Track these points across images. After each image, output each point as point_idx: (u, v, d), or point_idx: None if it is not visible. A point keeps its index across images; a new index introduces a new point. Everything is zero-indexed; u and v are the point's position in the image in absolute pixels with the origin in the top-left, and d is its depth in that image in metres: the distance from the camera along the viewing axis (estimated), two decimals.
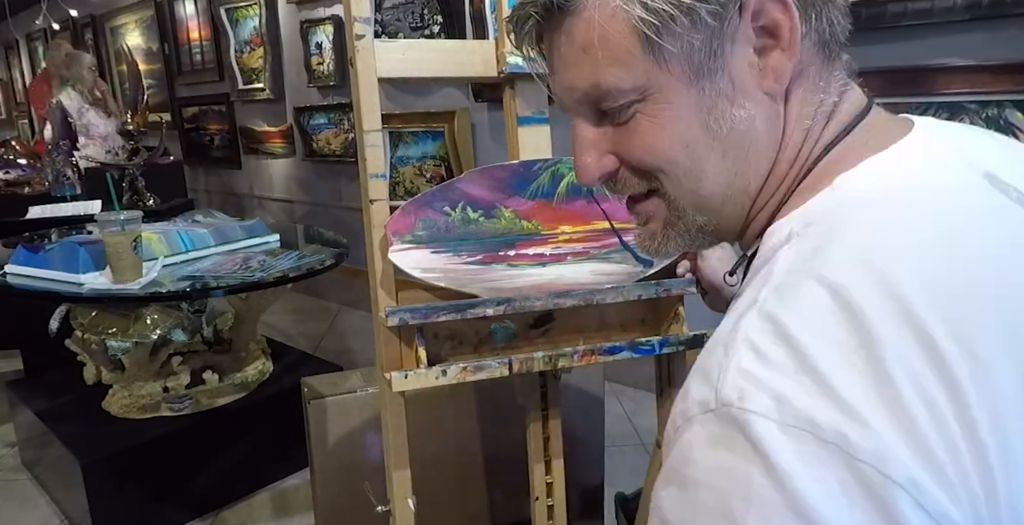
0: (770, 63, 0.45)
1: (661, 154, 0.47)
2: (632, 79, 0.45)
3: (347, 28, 0.79)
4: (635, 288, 0.88)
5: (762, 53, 0.45)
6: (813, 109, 0.47)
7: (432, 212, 0.81)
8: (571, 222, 0.86)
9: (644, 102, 0.46)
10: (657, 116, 0.46)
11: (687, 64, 0.44)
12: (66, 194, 2.90)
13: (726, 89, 0.45)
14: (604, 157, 0.50)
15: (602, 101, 0.47)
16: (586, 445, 1.40)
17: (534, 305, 0.84)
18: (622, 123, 0.48)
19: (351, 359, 2.80)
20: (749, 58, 0.45)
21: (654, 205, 0.51)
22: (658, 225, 0.52)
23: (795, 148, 0.47)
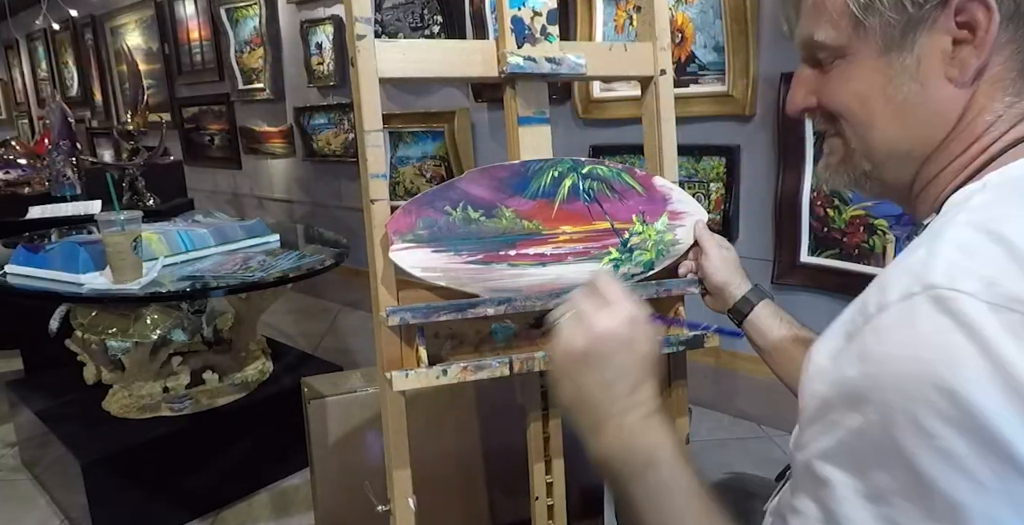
0: (960, 54, 0.50)
1: (844, 102, 0.56)
2: (836, 39, 0.54)
3: (348, 28, 0.79)
4: (635, 288, 0.88)
5: (956, 43, 0.50)
6: (1004, 106, 0.51)
7: (433, 211, 0.81)
8: (572, 222, 0.86)
9: (844, 58, 0.55)
10: (850, 72, 0.55)
11: (881, 38, 0.52)
12: (66, 194, 2.90)
13: (911, 65, 0.51)
14: (809, 95, 0.60)
15: (815, 50, 0.57)
16: None
17: (535, 305, 0.84)
18: (828, 71, 0.57)
19: (351, 359, 2.80)
20: (943, 44, 0.50)
21: (837, 142, 0.60)
22: (835, 159, 0.60)
23: (973, 135, 0.52)
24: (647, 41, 0.94)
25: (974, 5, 0.48)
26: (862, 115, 0.55)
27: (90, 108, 5.47)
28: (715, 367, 2.18)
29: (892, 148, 0.55)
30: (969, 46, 0.49)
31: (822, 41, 0.55)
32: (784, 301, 0.87)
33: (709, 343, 0.92)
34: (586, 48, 0.89)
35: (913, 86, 0.51)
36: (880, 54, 0.52)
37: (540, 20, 0.85)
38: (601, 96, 2.34)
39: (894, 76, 0.52)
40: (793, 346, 0.83)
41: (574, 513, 1.07)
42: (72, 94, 5.64)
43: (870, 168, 0.57)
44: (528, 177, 0.85)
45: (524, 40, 0.85)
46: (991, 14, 0.48)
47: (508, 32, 0.84)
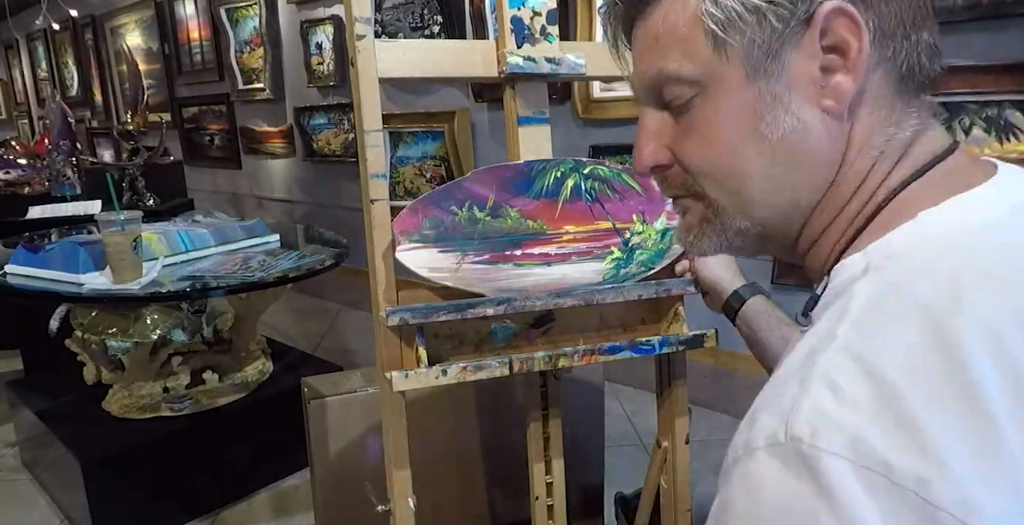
0: (832, 81, 0.44)
1: (710, 154, 0.48)
2: (693, 68, 0.47)
3: (348, 28, 0.79)
4: (635, 288, 0.88)
5: (826, 72, 0.44)
6: (883, 141, 0.46)
7: (439, 211, 0.81)
8: (575, 222, 0.86)
9: (702, 95, 0.47)
10: (712, 112, 0.47)
11: (747, 60, 0.45)
12: (66, 194, 2.90)
13: (782, 95, 0.45)
14: (661, 150, 0.52)
15: (665, 89, 0.49)
16: (586, 445, 1.40)
17: (534, 305, 0.84)
18: (682, 116, 0.49)
19: (351, 359, 2.80)
20: (812, 73, 0.44)
21: (691, 202, 0.52)
22: (695, 219, 0.52)
23: (859, 176, 0.46)
24: None
25: (840, 24, 0.43)
26: (734, 166, 0.47)
27: (90, 108, 5.47)
28: (715, 367, 2.17)
29: (774, 198, 0.47)
30: (842, 71, 0.43)
31: (676, 72, 0.47)
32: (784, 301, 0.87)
33: (708, 342, 0.92)
34: (586, 48, 0.89)
35: (789, 120, 0.45)
36: (747, 81, 0.45)
37: (540, 20, 0.85)
38: (601, 96, 2.34)
39: (767, 109, 0.45)
40: (782, 343, 0.82)
41: (574, 513, 1.07)
42: (72, 94, 5.63)
43: (746, 226, 0.49)
44: (532, 177, 0.85)
45: (524, 40, 0.85)
46: (860, 32, 0.42)
47: (508, 32, 0.84)
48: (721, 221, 0.50)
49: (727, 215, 0.50)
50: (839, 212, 0.47)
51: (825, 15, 0.43)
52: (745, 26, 0.44)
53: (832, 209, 0.47)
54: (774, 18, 0.43)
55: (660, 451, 1.01)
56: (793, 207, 0.48)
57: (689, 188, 0.51)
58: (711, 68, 0.46)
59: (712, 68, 0.46)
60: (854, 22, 0.42)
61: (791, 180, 0.47)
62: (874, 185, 0.46)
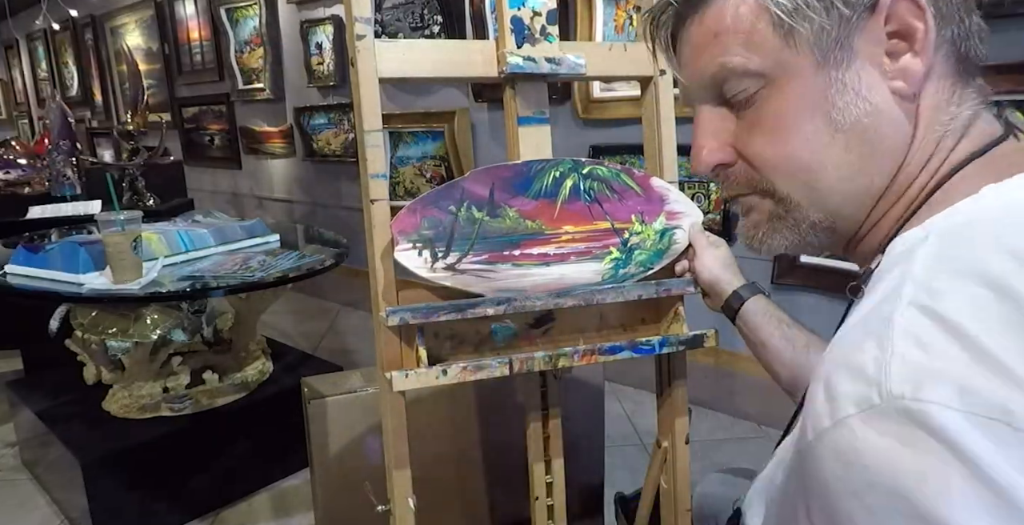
0: (900, 64, 0.45)
1: (782, 147, 0.47)
2: (760, 60, 0.46)
3: (347, 28, 0.79)
4: (635, 288, 0.88)
5: (892, 56, 0.45)
6: (948, 119, 0.46)
7: (437, 211, 0.81)
8: (574, 222, 0.86)
9: (769, 88, 0.46)
10: (781, 103, 0.46)
11: (816, 48, 0.45)
12: (66, 194, 2.90)
13: (852, 81, 0.45)
14: (723, 148, 0.51)
15: (727, 84, 0.48)
16: (586, 445, 1.40)
17: (534, 305, 0.84)
18: (745, 112, 0.48)
19: (351, 359, 2.80)
20: (879, 58, 0.45)
21: (756, 199, 0.51)
22: (762, 216, 0.51)
23: (926, 154, 0.46)
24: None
25: (904, 8, 0.44)
26: (808, 157, 0.46)
27: (90, 108, 5.47)
28: (715, 367, 2.17)
29: (849, 187, 0.47)
30: (908, 54, 0.44)
31: (742, 66, 0.46)
32: (784, 301, 0.87)
33: (709, 342, 0.92)
34: (586, 48, 0.89)
35: (862, 105, 0.45)
36: (817, 70, 0.45)
37: (540, 20, 0.85)
38: (601, 96, 2.34)
39: (837, 96, 0.45)
40: (782, 343, 0.81)
41: (574, 513, 1.07)
42: (72, 94, 5.63)
43: (821, 217, 0.48)
44: (530, 177, 0.85)
45: (524, 40, 0.85)
46: (925, 14, 0.43)
47: (508, 32, 0.84)
48: (794, 217, 0.49)
49: (800, 210, 0.48)
50: (904, 192, 0.47)
51: (890, 1, 0.44)
52: (813, 13, 0.44)
53: (899, 191, 0.47)
54: (842, 4, 0.44)
55: (660, 451, 1.01)
56: (865, 193, 0.47)
57: (755, 185, 0.50)
58: (779, 58, 0.46)
59: (780, 58, 0.46)
60: (918, 6, 0.44)
61: (865, 165, 0.46)
62: (937, 163, 0.46)
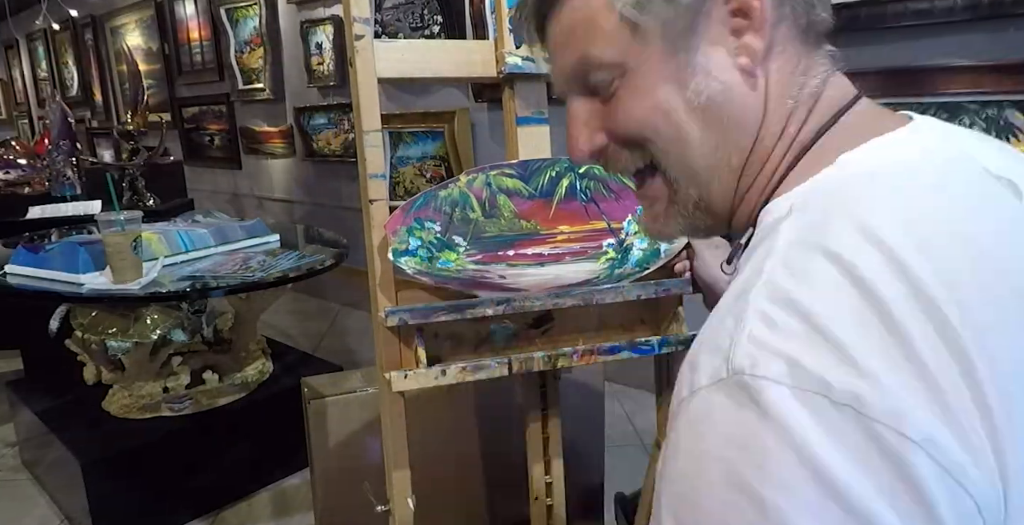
0: (743, 41, 0.47)
1: (643, 121, 0.50)
2: (613, 53, 0.49)
3: (347, 28, 0.79)
4: (634, 288, 0.88)
5: (735, 33, 0.47)
6: (796, 90, 0.48)
7: (431, 211, 0.81)
8: (569, 222, 0.86)
9: (625, 77, 0.49)
10: (637, 88, 0.49)
11: (663, 39, 0.47)
12: (66, 194, 2.90)
13: (702, 63, 0.47)
14: (595, 134, 0.54)
15: (589, 75, 0.51)
16: (586, 445, 1.40)
17: (533, 305, 0.84)
18: (608, 98, 0.51)
19: (351, 359, 2.80)
20: (724, 37, 0.47)
21: (657, 186, 0.53)
22: (661, 206, 0.54)
23: (778, 126, 0.49)
24: None
25: None
26: (670, 130, 0.49)
27: (90, 108, 5.47)
28: None
29: (711, 161, 0.49)
30: (750, 31, 0.47)
31: (598, 58, 0.49)
32: None
33: None
34: None
35: (713, 85, 0.47)
36: (668, 57, 0.48)
37: None
38: None
39: (690, 78, 0.47)
40: None
41: (574, 513, 1.07)
42: (72, 94, 5.64)
43: (697, 195, 0.51)
44: (526, 177, 0.85)
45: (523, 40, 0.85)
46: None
47: (507, 32, 0.84)
48: (679, 198, 0.52)
49: (681, 188, 0.51)
50: (764, 164, 0.49)
51: None
52: (656, 6, 0.47)
53: (758, 163, 0.49)
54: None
55: (660, 451, 1.01)
56: (727, 168, 0.50)
57: (637, 158, 0.53)
58: (630, 50, 0.48)
59: (631, 50, 0.48)
60: None
61: (723, 141, 0.49)
62: (793, 133, 0.49)
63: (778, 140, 0.49)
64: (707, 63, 0.47)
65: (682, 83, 0.48)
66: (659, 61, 0.48)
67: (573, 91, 0.54)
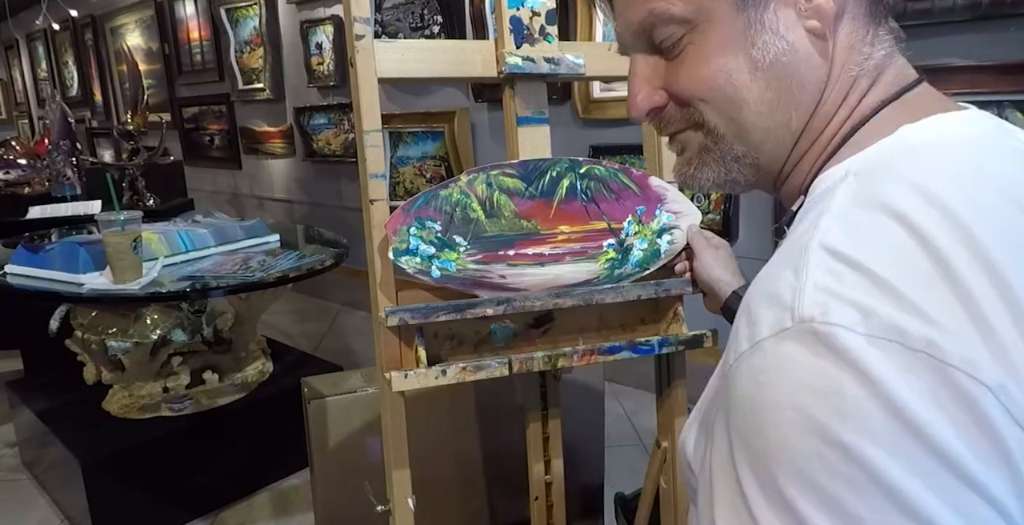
0: (814, 4, 0.47)
1: (705, 81, 0.49)
2: (683, 6, 0.48)
3: (347, 28, 0.79)
4: (634, 288, 0.88)
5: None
6: (862, 59, 0.48)
7: (431, 210, 0.81)
8: (570, 222, 0.86)
9: (693, 32, 0.49)
10: (704, 45, 0.49)
11: None
12: (66, 194, 2.90)
13: (771, 21, 0.47)
14: (655, 92, 0.53)
15: (656, 30, 0.50)
16: (586, 445, 1.40)
17: (534, 305, 0.84)
18: (673, 57, 0.51)
19: (351, 359, 2.80)
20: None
21: (690, 134, 0.53)
22: (693, 151, 0.54)
23: (841, 93, 0.49)
24: None
25: None
26: (730, 92, 0.48)
27: (90, 108, 5.47)
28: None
29: (767, 121, 0.49)
30: None
31: (666, 11, 0.48)
32: None
33: (708, 343, 0.92)
34: (585, 48, 0.89)
35: (780, 44, 0.47)
36: (737, 12, 0.47)
37: (539, 20, 0.85)
38: (601, 96, 2.34)
39: (756, 36, 0.47)
40: None
41: (574, 513, 1.07)
42: (72, 94, 5.64)
43: (744, 151, 0.51)
44: (527, 177, 0.85)
45: (523, 40, 0.85)
46: None
47: (507, 32, 0.84)
48: (720, 148, 0.51)
49: (725, 142, 0.51)
50: (822, 131, 0.49)
51: None
52: None
53: (817, 129, 0.49)
54: None
55: (660, 451, 1.01)
56: (785, 130, 0.50)
57: (689, 120, 0.52)
58: (700, 4, 0.48)
59: (701, 4, 0.48)
60: None
61: (783, 102, 0.49)
62: (853, 103, 0.49)
63: (838, 108, 0.49)
64: (776, 22, 0.47)
65: (749, 40, 0.47)
66: (728, 16, 0.47)
67: (637, 47, 0.53)
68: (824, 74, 0.48)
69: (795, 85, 0.48)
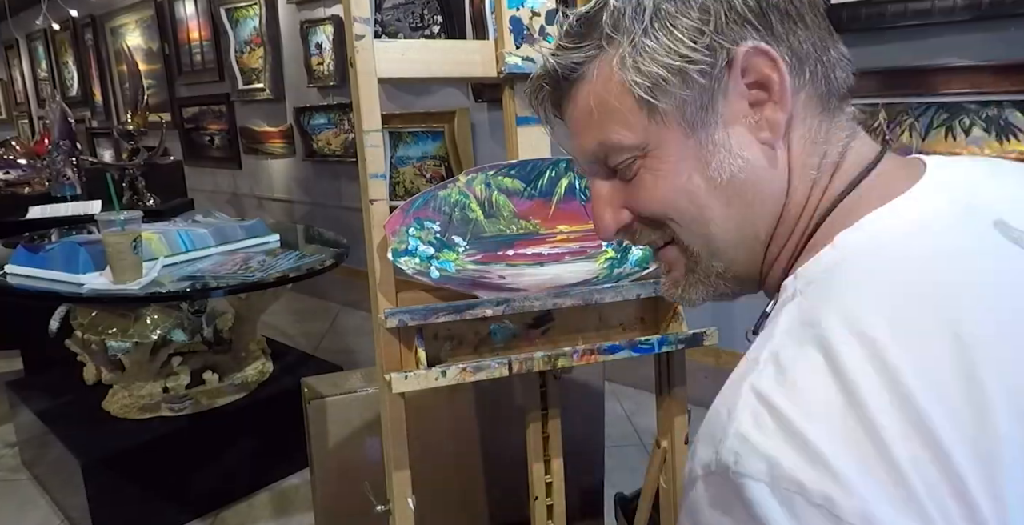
0: (764, 114, 0.47)
1: (666, 203, 0.50)
2: (633, 136, 0.49)
3: (347, 28, 0.79)
4: (633, 287, 0.88)
5: (755, 106, 0.47)
6: (818, 160, 0.48)
7: (430, 211, 0.81)
8: (569, 222, 0.86)
9: (646, 158, 0.49)
10: (659, 169, 0.49)
11: (682, 119, 0.47)
12: (66, 194, 2.90)
13: (722, 140, 0.47)
14: (619, 212, 0.54)
15: (609, 157, 0.51)
16: (586, 445, 1.40)
17: (533, 305, 0.84)
18: (630, 179, 0.51)
19: (351, 359, 2.80)
20: (744, 111, 0.47)
21: (673, 253, 0.54)
22: (680, 273, 0.54)
23: (803, 197, 0.48)
24: None
25: (759, 62, 0.45)
26: (694, 212, 0.49)
27: (90, 108, 5.47)
28: (715, 367, 2.17)
29: (737, 237, 0.49)
30: (769, 103, 0.46)
31: (618, 142, 0.49)
32: None
33: (708, 341, 0.92)
34: None
35: (735, 162, 0.47)
36: (686, 138, 0.47)
37: (539, 20, 0.85)
38: None
39: (710, 157, 0.47)
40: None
41: (574, 513, 1.07)
42: (72, 94, 5.64)
43: (722, 267, 0.51)
44: (526, 177, 0.85)
45: (523, 40, 0.85)
46: (778, 65, 0.45)
47: (507, 32, 0.84)
48: (702, 268, 0.52)
49: (703, 261, 0.51)
50: (789, 235, 0.49)
51: (743, 56, 0.46)
52: (672, 88, 0.46)
53: (784, 234, 0.50)
54: (697, 75, 0.46)
55: (659, 451, 1.01)
56: (754, 240, 0.50)
57: (663, 236, 0.53)
58: (649, 132, 0.48)
59: (650, 132, 0.48)
60: (770, 58, 0.45)
61: (748, 216, 0.49)
62: (815, 201, 0.48)
63: (802, 210, 0.49)
64: (728, 140, 0.47)
65: (703, 161, 0.47)
66: (679, 141, 0.48)
67: (594, 172, 0.54)
68: (783, 182, 0.48)
69: (756, 199, 0.48)
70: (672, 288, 0.56)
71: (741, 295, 0.55)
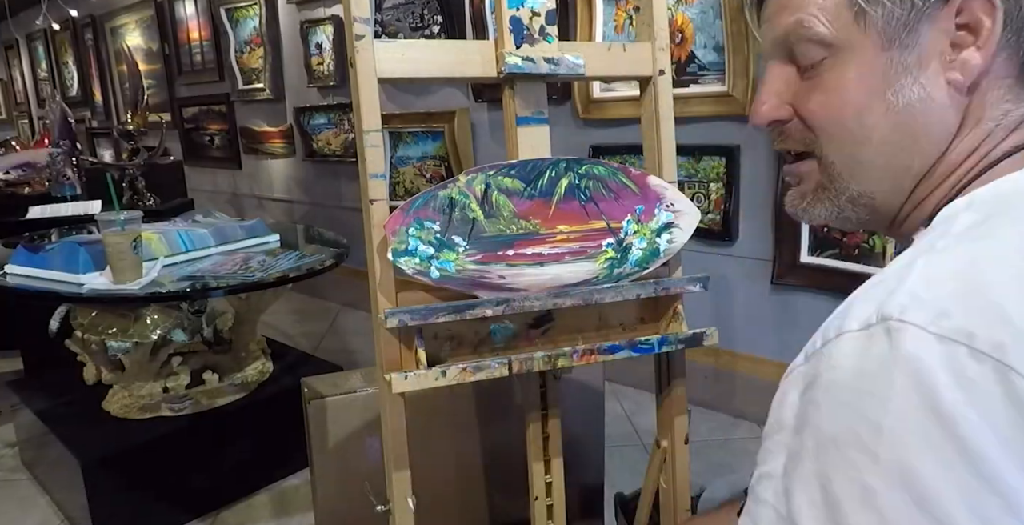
0: (961, 56, 0.46)
1: (834, 113, 0.49)
2: (830, 32, 0.48)
3: (347, 28, 0.79)
4: (633, 287, 0.88)
5: (955, 47, 0.46)
6: (1000, 114, 0.48)
7: (430, 211, 0.81)
8: (569, 222, 0.86)
9: (834, 58, 0.49)
10: (842, 75, 0.49)
11: (884, 32, 0.47)
12: (66, 194, 2.90)
13: (912, 65, 0.47)
14: (782, 106, 0.53)
15: (797, 46, 0.50)
16: (586, 445, 1.40)
17: (533, 305, 0.84)
18: (810, 75, 0.51)
19: (351, 359, 2.80)
20: (943, 47, 0.47)
21: (808, 166, 0.53)
22: (809, 186, 0.54)
23: (971, 145, 0.48)
24: (646, 41, 0.94)
25: (977, 4, 0.45)
26: (856, 128, 0.48)
27: (90, 108, 5.47)
28: (715, 367, 2.17)
29: (888, 162, 0.49)
30: (971, 48, 0.46)
31: (813, 32, 0.48)
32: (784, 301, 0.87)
33: (708, 341, 0.92)
34: (585, 48, 0.89)
35: (916, 89, 0.47)
36: (881, 50, 0.47)
37: (539, 20, 0.85)
38: (601, 96, 2.34)
39: (896, 77, 0.47)
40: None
41: (574, 513, 1.07)
42: (72, 94, 5.63)
43: (859, 191, 0.51)
44: (526, 177, 0.85)
45: (523, 40, 0.85)
46: (995, 12, 0.45)
47: (507, 32, 0.84)
48: (836, 187, 0.51)
49: (841, 180, 0.51)
50: (948, 177, 0.49)
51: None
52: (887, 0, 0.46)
53: (942, 174, 0.49)
54: None
55: (659, 451, 1.01)
56: (905, 173, 0.49)
57: (808, 144, 0.52)
58: (848, 35, 0.48)
59: (849, 35, 0.48)
60: (991, 3, 0.45)
61: (907, 148, 0.48)
62: (983, 153, 0.48)
63: (968, 157, 0.48)
64: (917, 68, 0.47)
65: (887, 81, 0.47)
66: (871, 53, 0.47)
67: (776, 55, 0.53)
68: (954, 125, 0.48)
69: (921, 133, 0.48)
70: (797, 200, 0.55)
71: (864, 227, 0.55)
